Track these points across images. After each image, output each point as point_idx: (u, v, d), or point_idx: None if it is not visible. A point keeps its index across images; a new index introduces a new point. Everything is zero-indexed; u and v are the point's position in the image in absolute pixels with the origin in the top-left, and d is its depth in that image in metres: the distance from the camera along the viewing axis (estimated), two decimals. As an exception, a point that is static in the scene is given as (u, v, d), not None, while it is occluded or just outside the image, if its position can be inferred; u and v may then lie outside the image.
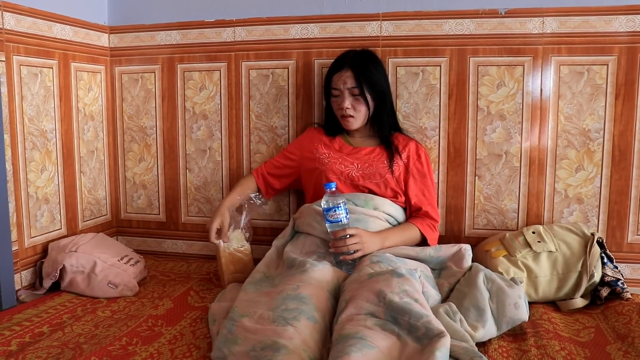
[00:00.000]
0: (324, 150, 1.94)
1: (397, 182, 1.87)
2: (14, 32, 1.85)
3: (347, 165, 1.88)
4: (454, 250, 1.77)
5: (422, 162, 1.91)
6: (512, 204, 2.04)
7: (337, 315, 1.39)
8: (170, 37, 2.27)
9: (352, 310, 1.35)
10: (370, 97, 1.85)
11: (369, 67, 1.85)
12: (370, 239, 1.71)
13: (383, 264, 1.56)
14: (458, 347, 1.29)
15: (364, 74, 1.83)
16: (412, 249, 1.75)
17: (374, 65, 1.87)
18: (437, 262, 1.76)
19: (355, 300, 1.37)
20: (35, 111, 1.95)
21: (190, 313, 1.69)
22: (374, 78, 1.85)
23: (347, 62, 1.86)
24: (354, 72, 1.83)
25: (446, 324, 1.37)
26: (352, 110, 1.86)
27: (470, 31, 2.00)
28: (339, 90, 1.86)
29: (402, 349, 1.25)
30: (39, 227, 1.99)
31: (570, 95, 1.96)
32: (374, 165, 1.86)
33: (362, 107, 1.86)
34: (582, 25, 1.92)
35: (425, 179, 1.91)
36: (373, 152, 1.91)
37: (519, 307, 1.51)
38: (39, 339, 1.49)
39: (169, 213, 2.37)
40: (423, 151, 1.94)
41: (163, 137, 2.33)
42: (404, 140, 1.93)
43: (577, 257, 1.76)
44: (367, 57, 1.89)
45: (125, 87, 2.35)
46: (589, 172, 1.98)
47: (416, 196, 1.88)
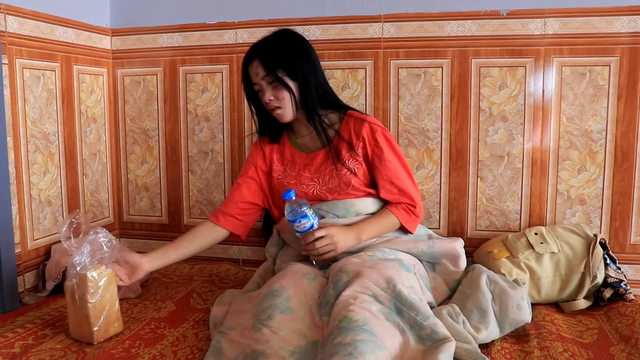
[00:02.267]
0: (278, 167, 1.77)
1: (366, 177, 1.70)
2: (17, 35, 1.85)
3: (308, 184, 1.70)
4: (449, 247, 1.68)
5: (380, 146, 1.66)
6: (514, 205, 2.04)
7: (339, 287, 1.36)
8: (172, 39, 2.27)
9: (357, 288, 1.33)
10: (289, 80, 1.62)
11: (276, 48, 1.63)
12: (343, 236, 1.59)
13: (384, 254, 1.56)
14: (461, 348, 1.29)
15: (271, 58, 1.61)
16: (404, 245, 1.65)
17: (283, 45, 1.65)
18: (430, 257, 1.68)
19: (362, 278, 1.35)
20: (38, 114, 1.95)
21: (192, 315, 1.69)
22: (284, 58, 1.62)
23: (254, 51, 1.65)
24: (260, 60, 1.61)
25: (449, 326, 1.37)
26: (276, 100, 1.64)
27: (472, 32, 2.00)
28: (258, 85, 1.65)
29: (405, 346, 1.25)
30: (41, 229, 1.99)
31: (572, 96, 1.96)
32: (335, 176, 1.67)
33: (284, 93, 1.62)
34: (584, 26, 1.92)
35: (389, 163, 1.67)
36: (327, 157, 1.70)
37: (521, 308, 1.50)
38: (42, 341, 1.49)
39: (171, 215, 2.37)
40: (379, 132, 1.68)
41: (165, 139, 2.33)
42: (356, 125, 1.69)
43: (580, 258, 1.76)
44: (275, 38, 1.67)
45: (128, 90, 2.36)
46: (591, 173, 1.98)
47: (383, 188, 1.68)
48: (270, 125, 1.78)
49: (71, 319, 1.50)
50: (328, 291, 1.39)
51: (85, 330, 1.46)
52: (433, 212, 2.10)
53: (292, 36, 1.69)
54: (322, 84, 1.69)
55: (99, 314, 1.46)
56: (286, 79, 1.62)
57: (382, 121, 2.09)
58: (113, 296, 1.51)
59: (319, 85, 1.67)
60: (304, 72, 1.63)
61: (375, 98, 2.09)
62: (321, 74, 1.70)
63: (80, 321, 1.47)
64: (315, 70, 1.67)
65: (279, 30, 1.70)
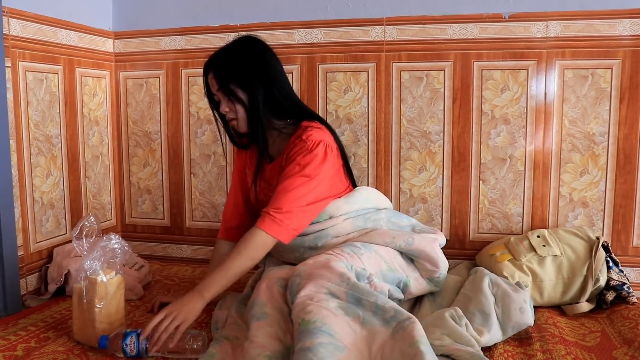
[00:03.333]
0: (250, 171, 1.78)
1: None
2: (20, 38, 1.85)
3: (260, 192, 1.70)
4: (427, 249, 1.61)
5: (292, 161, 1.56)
6: (516, 207, 2.04)
7: (293, 290, 1.34)
8: (175, 42, 2.27)
9: (312, 289, 1.32)
10: (241, 93, 1.58)
11: (229, 61, 1.59)
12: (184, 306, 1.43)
13: (346, 248, 1.54)
14: (464, 352, 1.29)
15: (224, 71, 1.58)
16: (381, 239, 1.61)
17: (236, 56, 1.59)
18: (409, 254, 1.64)
19: (316, 279, 1.34)
20: (41, 116, 1.96)
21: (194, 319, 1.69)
22: (236, 71, 1.57)
23: (208, 63, 1.62)
24: (214, 73, 1.59)
25: (452, 329, 1.37)
26: (231, 112, 1.61)
27: (474, 35, 2.00)
28: (216, 96, 1.62)
29: (370, 337, 1.24)
30: (44, 232, 1.99)
31: (574, 99, 1.96)
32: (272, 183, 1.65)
33: (237, 105, 1.59)
34: (586, 29, 1.92)
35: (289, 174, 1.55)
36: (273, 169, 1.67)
37: (524, 311, 1.50)
38: (44, 344, 1.49)
39: (173, 218, 2.37)
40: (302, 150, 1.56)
41: (168, 142, 2.34)
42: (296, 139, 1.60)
43: (583, 261, 1.76)
44: (229, 49, 1.62)
45: (130, 92, 2.36)
46: (593, 175, 1.97)
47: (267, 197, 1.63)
48: (237, 133, 1.74)
49: (76, 320, 1.50)
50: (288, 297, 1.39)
51: (90, 333, 1.46)
52: (435, 215, 2.10)
53: (248, 45, 1.63)
54: (276, 95, 1.61)
55: (105, 318, 1.46)
56: (238, 92, 1.58)
57: (385, 124, 2.09)
58: (120, 302, 1.52)
59: (271, 97, 1.60)
60: (256, 83, 1.58)
61: (377, 101, 2.09)
62: (279, 83, 1.63)
63: (85, 324, 1.47)
64: (271, 80, 1.60)
65: (237, 39, 1.65)
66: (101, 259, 1.47)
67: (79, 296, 1.48)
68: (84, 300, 1.46)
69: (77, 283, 1.49)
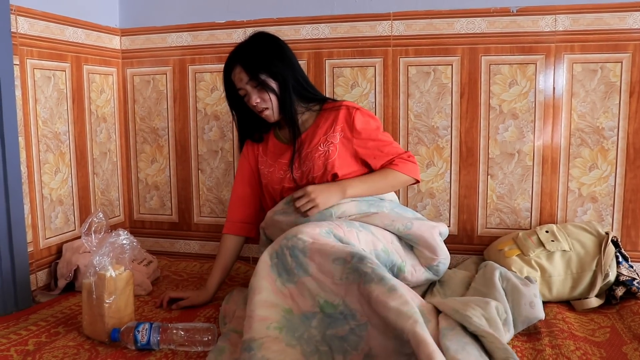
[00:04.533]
0: (263, 158, 1.82)
1: (345, 157, 1.70)
2: (28, 36, 1.86)
3: (285, 170, 1.74)
4: (425, 234, 1.63)
5: (359, 128, 1.69)
6: (525, 203, 2.03)
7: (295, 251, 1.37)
8: (182, 38, 2.28)
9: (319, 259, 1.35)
10: (272, 82, 1.67)
11: (256, 53, 1.68)
12: (323, 193, 1.62)
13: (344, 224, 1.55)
14: (498, 342, 1.24)
15: (252, 63, 1.66)
16: (381, 221, 1.63)
17: (261, 49, 1.69)
18: (407, 238, 1.65)
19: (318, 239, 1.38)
20: (49, 114, 1.96)
21: (203, 312, 1.70)
22: (264, 62, 1.66)
23: (234, 58, 1.70)
24: (243, 66, 1.67)
25: (493, 317, 1.35)
26: (263, 102, 1.68)
27: (481, 30, 1.99)
28: (244, 89, 1.69)
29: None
30: (53, 228, 2.00)
31: (583, 93, 1.95)
32: (310, 158, 1.70)
33: (270, 95, 1.67)
34: (596, 22, 1.90)
35: (373, 139, 1.70)
36: (301, 145, 1.73)
37: (534, 305, 1.49)
38: (55, 338, 1.50)
39: (181, 214, 2.38)
40: (356, 114, 1.70)
41: (175, 139, 2.34)
42: (332, 112, 1.73)
43: (592, 256, 1.75)
44: (252, 43, 1.71)
45: (137, 89, 2.37)
46: (603, 170, 1.96)
47: (374, 158, 1.71)
48: (252, 127, 1.83)
49: (86, 316, 1.51)
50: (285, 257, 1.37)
51: (100, 328, 1.47)
52: (443, 210, 2.10)
53: (267, 38, 1.73)
54: (301, 81, 1.73)
55: (114, 314, 1.47)
56: (269, 81, 1.66)
57: (392, 119, 2.09)
58: (129, 297, 1.53)
59: (298, 83, 1.71)
60: (283, 72, 1.68)
61: (384, 96, 2.09)
62: (299, 71, 1.74)
63: (94, 319, 1.48)
64: (294, 69, 1.71)
65: (254, 34, 1.75)
66: (110, 254, 1.48)
67: (88, 292, 1.49)
68: (94, 295, 1.47)
69: (86, 279, 1.50)
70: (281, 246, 1.39)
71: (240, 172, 1.88)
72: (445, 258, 1.67)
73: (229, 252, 1.81)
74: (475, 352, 1.22)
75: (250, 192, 1.86)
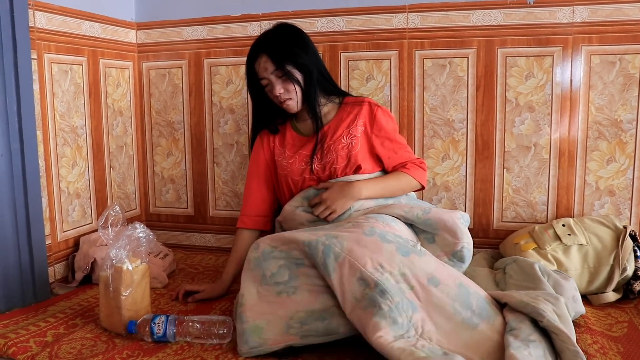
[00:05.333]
0: (279, 150, 1.81)
1: (365, 152, 1.72)
2: (45, 31, 1.88)
3: (307, 161, 1.74)
4: (444, 217, 1.58)
5: (379, 123, 1.73)
6: (541, 196, 2.02)
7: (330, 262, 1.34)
8: (197, 32, 2.28)
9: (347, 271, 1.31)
10: (297, 73, 1.68)
11: (282, 43, 1.69)
12: (340, 198, 1.64)
13: (380, 218, 1.54)
14: (570, 343, 1.20)
15: (278, 53, 1.67)
16: (400, 209, 1.61)
17: (288, 39, 1.70)
18: (426, 224, 1.59)
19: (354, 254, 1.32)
20: (66, 108, 1.98)
21: (218, 305, 1.71)
22: (290, 52, 1.67)
23: (260, 47, 1.70)
24: (269, 56, 1.67)
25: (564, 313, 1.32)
26: (287, 92, 1.69)
27: (498, 22, 1.97)
28: (267, 79, 1.69)
29: None
30: (70, 221, 2.02)
31: (601, 85, 1.92)
32: (333, 149, 1.71)
33: (294, 86, 1.68)
34: (614, 13, 1.88)
35: (390, 139, 1.74)
36: (322, 137, 1.74)
37: (576, 300, 1.49)
38: (72, 330, 1.52)
39: (197, 207, 2.39)
40: (376, 110, 1.74)
41: (191, 132, 2.35)
42: (354, 106, 1.76)
43: (609, 250, 1.73)
44: (278, 33, 1.72)
45: (153, 83, 2.38)
46: (620, 163, 1.94)
47: (388, 158, 1.74)
48: (270, 117, 1.84)
49: (103, 308, 1.52)
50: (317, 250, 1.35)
51: (116, 320, 1.49)
52: (459, 204, 2.09)
53: (293, 30, 1.74)
54: (324, 73, 1.76)
55: (132, 306, 1.49)
56: (294, 72, 1.68)
57: (407, 112, 2.08)
58: (146, 290, 1.54)
59: (321, 75, 1.74)
60: (308, 64, 1.69)
61: (400, 89, 2.08)
62: (322, 64, 1.77)
63: (111, 311, 1.50)
64: (317, 61, 1.74)
65: (279, 24, 1.75)
66: (126, 247, 1.49)
67: (105, 284, 1.50)
68: (110, 288, 1.48)
69: (103, 272, 1.52)
70: (317, 240, 1.36)
71: (255, 164, 1.87)
72: (469, 243, 1.57)
73: (244, 246, 1.80)
74: (539, 352, 1.18)
75: (265, 184, 1.86)
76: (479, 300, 1.31)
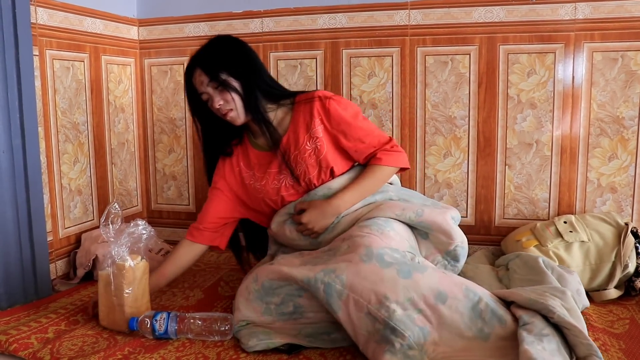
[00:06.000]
0: (247, 173, 1.71)
1: (334, 151, 1.64)
2: (47, 27, 1.88)
3: (279, 179, 1.66)
4: (437, 220, 1.56)
5: (336, 115, 1.62)
6: (543, 193, 2.02)
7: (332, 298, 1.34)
8: (199, 28, 2.28)
9: (353, 308, 1.32)
10: (233, 81, 1.59)
11: (214, 54, 1.62)
12: (320, 220, 1.59)
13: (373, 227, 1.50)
14: (584, 336, 1.20)
15: (211, 63, 1.60)
16: (392, 211, 1.57)
17: (219, 49, 1.63)
18: (420, 226, 1.58)
19: (356, 289, 1.32)
20: (68, 104, 1.98)
21: (220, 303, 1.71)
22: (223, 61, 1.60)
23: (194, 62, 1.63)
24: (202, 68, 1.59)
25: (573, 306, 1.32)
26: (226, 103, 1.60)
27: (500, 18, 1.97)
28: (206, 93, 1.61)
29: None
30: (72, 218, 2.02)
31: (603, 82, 1.92)
32: (300, 159, 1.63)
33: (231, 95, 1.59)
34: (617, 10, 1.87)
35: (353, 129, 1.63)
36: (285, 149, 1.65)
37: (581, 293, 1.49)
38: (74, 327, 1.52)
39: (198, 204, 2.39)
40: (329, 102, 1.62)
41: (192, 129, 2.35)
42: (306, 106, 1.65)
43: (611, 247, 1.73)
44: (210, 45, 1.66)
45: (155, 79, 2.38)
46: (622, 160, 1.94)
47: (356, 151, 1.65)
48: (222, 138, 1.73)
49: (102, 307, 1.52)
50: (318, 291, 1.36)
51: (118, 318, 1.49)
52: (460, 201, 2.09)
53: (225, 39, 1.68)
54: (265, 78, 1.66)
55: (133, 303, 1.49)
56: (230, 80, 1.59)
57: (409, 109, 2.08)
58: (146, 287, 1.54)
59: (263, 82, 1.65)
60: (246, 71, 1.62)
61: (402, 86, 2.08)
62: (264, 71, 1.68)
63: (112, 310, 1.49)
64: (257, 67, 1.65)
65: (215, 37, 1.69)
66: (128, 244, 1.49)
67: (105, 282, 1.50)
68: (112, 286, 1.48)
69: (102, 270, 1.51)
70: (316, 278, 1.37)
71: (214, 185, 1.75)
72: (463, 242, 1.58)
73: (184, 258, 1.72)
74: (552, 346, 1.18)
75: (219, 208, 1.74)
76: (487, 303, 1.30)
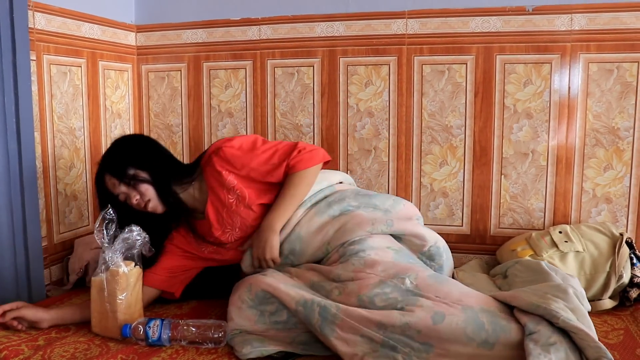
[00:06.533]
0: (201, 247, 1.73)
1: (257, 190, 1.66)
2: (45, 32, 1.88)
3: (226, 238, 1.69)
4: (407, 228, 1.62)
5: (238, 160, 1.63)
6: (538, 203, 2.02)
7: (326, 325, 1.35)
8: (197, 35, 2.28)
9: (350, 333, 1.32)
10: (142, 172, 1.61)
11: (116, 155, 1.64)
12: (263, 246, 1.61)
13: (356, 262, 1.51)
14: (591, 339, 1.18)
15: (116, 164, 1.61)
16: (363, 230, 1.58)
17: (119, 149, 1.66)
18: (393, 234, 1.63)
19: (352, 316, 1.33)
20: (64, 109, 1.98)
21: (214, 310, 1.70)
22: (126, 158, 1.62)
23: (101, 169, 1.63)
24: (109, 172, 1.60)
25: (577, 306, 1.31)
26: (143, 196, 1.60)
27: (496, 29, 1.98)
28: (122, 193, 1.60)
29: None
30: (67, 223, 2.02)
31: (599, 93, 1.93)
32: (232, 212, 1.66)
33: (144, 186, 1.60)
34: (613, 21, 1.88)
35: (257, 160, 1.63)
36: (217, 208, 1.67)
37: (583, 296, 1.48)
38: (65, 334, 1.51)
39: (194, 210, 2.38)
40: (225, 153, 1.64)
41: (189, 135, 2.35)
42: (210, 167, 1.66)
43: (606, 257, 1.73)
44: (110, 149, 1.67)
45: (152, 85, 2.38)
46: (617, 171, 1.94)
47: (273, 176, 1.65)
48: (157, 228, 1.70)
49: (95, 313, 1.51)
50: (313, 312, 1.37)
51: (111, 325, 1.48)
52: (456, 210, 2.09)
53: (125, 138, 1.72)
54: (174, 162, 1.72)
55: (127, 310, 1.48)
56: (139, 173, 1.61)
57: (406, 117, 2.08)
58: (139, 293, 1.53)
59: (170, 165, 1.69)
60: (151, 161, 1.64)
61: (398, 95, 2.08)
62: (166, 153, 1.73)
63: (104, 316, 1.48)
64: (161, 155, 1.70)
65: (113, 141, 1.71)
66: (122, 250, 1.49)
67: (98, 289, 1.49)
68: (105, 292, 1.47)
69: (95, 276, 1.50)
70: (313, 301, 1.39)
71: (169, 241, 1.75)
72: (437, 241, 1.64)
73: None
74: (560, 355, 1.16)
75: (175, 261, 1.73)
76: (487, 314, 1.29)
